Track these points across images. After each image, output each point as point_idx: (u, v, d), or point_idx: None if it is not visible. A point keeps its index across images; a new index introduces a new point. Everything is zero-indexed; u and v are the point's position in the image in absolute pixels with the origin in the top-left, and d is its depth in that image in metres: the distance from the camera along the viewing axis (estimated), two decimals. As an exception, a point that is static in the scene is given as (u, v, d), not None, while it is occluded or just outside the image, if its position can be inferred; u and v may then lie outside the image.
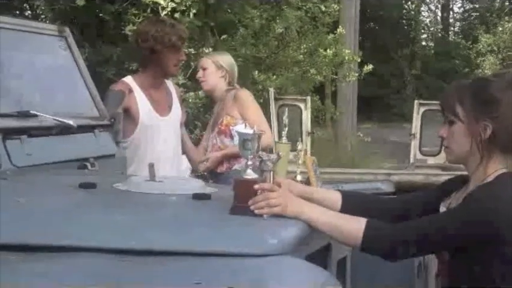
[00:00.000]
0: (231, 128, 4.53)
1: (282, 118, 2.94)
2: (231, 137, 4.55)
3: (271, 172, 2.37)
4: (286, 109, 3.73)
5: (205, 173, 4.56)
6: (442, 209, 2.48)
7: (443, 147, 2.54)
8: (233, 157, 4.52)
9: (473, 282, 2.30)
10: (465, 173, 2.48)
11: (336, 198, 2.58)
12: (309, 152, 8.94)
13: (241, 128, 3.65)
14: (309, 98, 9.34)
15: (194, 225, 2.24)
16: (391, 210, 2.59)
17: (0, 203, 2.31)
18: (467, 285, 2.31)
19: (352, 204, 2.57)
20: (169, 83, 4.33)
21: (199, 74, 4.74)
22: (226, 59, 4.78)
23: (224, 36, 8.79)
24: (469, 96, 2.37)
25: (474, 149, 2.37)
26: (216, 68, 4.67)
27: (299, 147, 2.91)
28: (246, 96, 4.70)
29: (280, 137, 2.81)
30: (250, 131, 2.38)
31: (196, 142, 5.36)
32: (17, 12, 9.33)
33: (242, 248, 2.04)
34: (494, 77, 2.44)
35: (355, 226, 2.32)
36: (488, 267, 2.27)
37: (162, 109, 4.16)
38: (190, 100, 8.54)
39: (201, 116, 8.93)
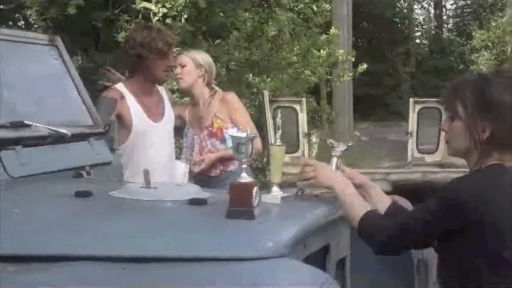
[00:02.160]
0: (224, 131, 4.51)
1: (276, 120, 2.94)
2: (223, 140, 4.53)
3: (336, 158, 2.72)
4: (279, 111, 3.69)
5: (198, 176, 4.54)
6: None
7: (439, 144, 2.56)
8: (227, 160, 4.50)
9: (459, 270, 2.31)
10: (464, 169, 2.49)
11: (387, 202, 2.63)
12: (306, 153, 8.94)
13: (234, 131, 3.64)
14: (304, 99, 9.31)
15: (190, 230, 2.24)
16: None
17: (-5, 214, 2.30)
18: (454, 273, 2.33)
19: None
20: (162, 89, 4.32)
21: (177, 70, 4.63)
22: (205, 58, 4.72)
23: (218, 41, 8.75)
24: (469, 95, 2.36)
25: (472, 147, 2.37)
26: (195, 67, 4.62)
27: (299, 152, 2.94)
28: (235, 99, 4.70)
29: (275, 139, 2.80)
30: (244, 135, 2.39)
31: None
32: (10, 22, 9.30)
33: (239, 252, 2.03)
34: (496, 77, 2.43)
35: (359, 210, 2.45)
36: (472, 254, 2.26)
37: (155, 115, 4.15)
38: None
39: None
